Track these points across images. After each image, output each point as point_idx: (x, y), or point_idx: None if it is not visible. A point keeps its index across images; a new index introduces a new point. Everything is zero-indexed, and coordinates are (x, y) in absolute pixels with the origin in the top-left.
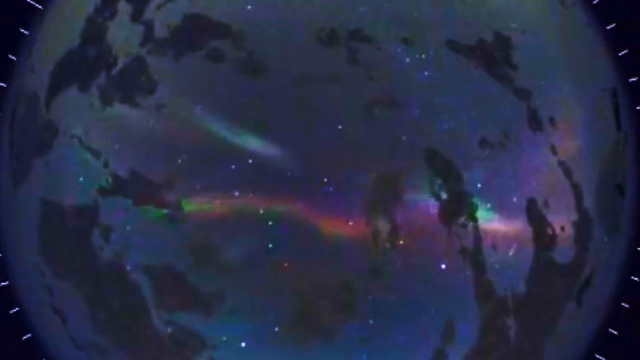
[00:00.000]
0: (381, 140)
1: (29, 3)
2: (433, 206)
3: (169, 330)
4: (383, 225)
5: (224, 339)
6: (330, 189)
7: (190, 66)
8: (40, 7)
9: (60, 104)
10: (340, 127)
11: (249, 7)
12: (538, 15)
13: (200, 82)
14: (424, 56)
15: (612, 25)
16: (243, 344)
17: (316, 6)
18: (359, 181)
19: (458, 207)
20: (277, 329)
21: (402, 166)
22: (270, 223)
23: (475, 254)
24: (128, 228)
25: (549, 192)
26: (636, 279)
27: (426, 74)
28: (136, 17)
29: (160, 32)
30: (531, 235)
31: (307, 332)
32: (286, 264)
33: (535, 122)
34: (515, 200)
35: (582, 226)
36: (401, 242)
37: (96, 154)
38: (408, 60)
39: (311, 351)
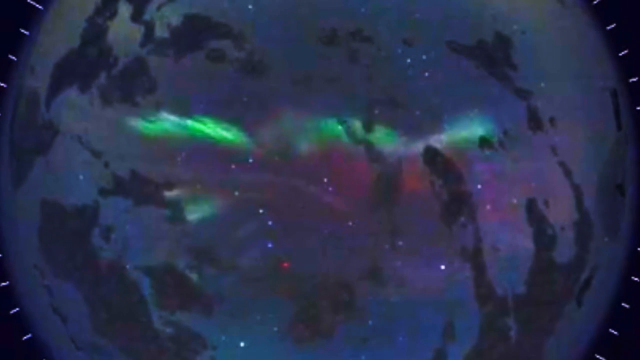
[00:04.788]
0: (381, 140)
1: (29, 3)
2: (433, 206)
3: (169, 330)
4: (383, 225)
5: (223, 338)
6: (330, 188)
7: (190, 66)
8: (40, 7)
9: (60, 104)
10: (340, 127)
11: (250, 6)
12: (538, 15)
13: (200, 82)
14: (424, 56)
15: (612, 25)
16: (242, 344)
17: (317, 6)
18: (359, 181)
19: (458, 207)
20: (275, 329)
21: (402, 166)
22: (270, 222)
23: (475, 254)
24: (128, 228)
25: (548, 192)
26: (636, 279)
27: (426, 74)
28: (136, 17)
29: (160, 32)
30: (531, 235)
31: (306, 332)
32: (286, 264)
33: (535, 122)
34: (515, 200)
35: (582, 226)
36: (401, 242)
37: (96, 154)
38: (408, 60)
39: (310, 351)
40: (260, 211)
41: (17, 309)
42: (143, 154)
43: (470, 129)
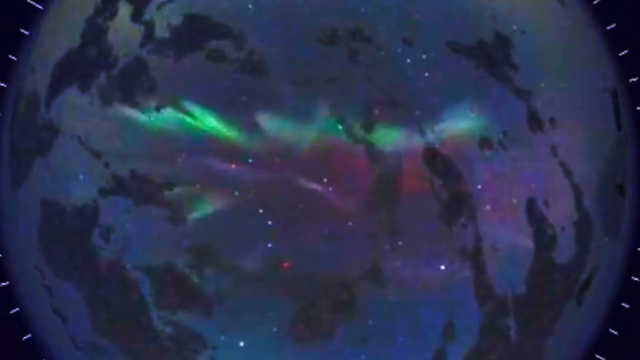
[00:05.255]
0: (381, 140)
1: (29, 3)
2: (433, 206)
3: (169, 330)
4: (383, 226)
5: (223, 338)
6: (330, 188)
7: (190, 66)
8: (40, 7)
9: (60, 104)
10: (340, 127)
11: (250, 6)
12: (538, 15)
13: (200, 82)
14: (424, 56)
15: (612, 25)
16: (242, 344)
17: (316, 6)
18: (359, 181)
19: (458, 207)
20: (275, 329)
21: (402, 166)
22: (270, 222)
23: (475, 253)
24: (128, 228)
25: (548, 192)
26: (636, 279)
27: (426, 74)
28: (136, 17)
29: (160, 32)
30: (531, 235)
31: (306, 332)
32: (286, 264)
33: (536, 122)
34: (515, 200)
35: (582, 226)
36: (401, 242)
37: (96, 154)
38: (408, 60)
39: (310, 351)
40: (260, 211)
41: (17, 309)
42: (143, 154)
43: (470, 129)
